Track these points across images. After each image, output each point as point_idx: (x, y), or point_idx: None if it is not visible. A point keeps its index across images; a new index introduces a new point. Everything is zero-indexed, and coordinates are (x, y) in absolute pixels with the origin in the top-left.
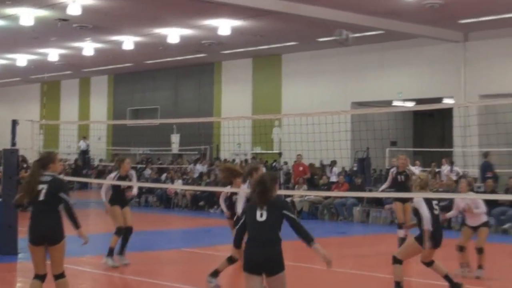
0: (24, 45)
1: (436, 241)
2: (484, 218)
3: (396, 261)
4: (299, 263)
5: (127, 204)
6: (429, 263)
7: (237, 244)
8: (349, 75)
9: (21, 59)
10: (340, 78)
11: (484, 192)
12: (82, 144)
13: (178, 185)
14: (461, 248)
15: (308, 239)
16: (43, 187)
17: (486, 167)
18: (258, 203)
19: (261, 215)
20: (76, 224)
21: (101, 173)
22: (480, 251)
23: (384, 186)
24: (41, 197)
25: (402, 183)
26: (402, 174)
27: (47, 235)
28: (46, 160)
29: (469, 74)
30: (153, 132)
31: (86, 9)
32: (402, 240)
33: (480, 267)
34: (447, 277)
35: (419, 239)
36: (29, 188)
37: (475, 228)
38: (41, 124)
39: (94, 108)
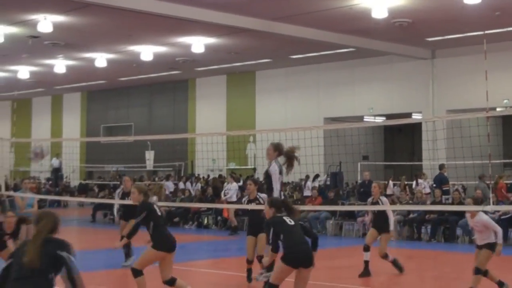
0: None
1: None
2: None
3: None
4: None
5: None
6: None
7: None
8: (321, 91)
9: None
10: (313, 95)
11: (452, 203)
12: (55, 162)
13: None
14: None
15: None
16: None
17: (441, 180)
18: None
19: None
20: None
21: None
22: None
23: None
24: None
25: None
26: (375, 204)
27: None
28: None
29: (437, 90)
30: (127, 149)
31: (57, 26)
32: (366, 263)
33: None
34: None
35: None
36: None
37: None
38: (12, 142)
39: (67, 125)
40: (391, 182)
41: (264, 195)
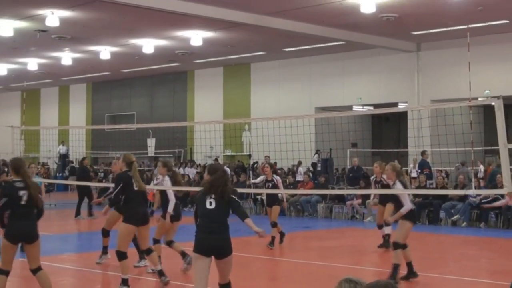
0: (4, 55)
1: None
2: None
3: (399, 246)
4: (267, 256)
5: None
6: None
7: None
8: (313, 82)
9: (1, 68)
10: (305, 85)
11: (436, 187)
12: (62, 149)
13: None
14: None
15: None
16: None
17: (423, 165)
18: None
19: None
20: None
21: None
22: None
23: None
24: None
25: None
26: (378, 183)
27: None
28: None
29: (422, 80)
30: (130, 137)
31: (64, 21)
32: (388, 236)
33: None
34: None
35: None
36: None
37: None
38: (22, 130)
39: (73, 114)
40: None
41: (278, 177)
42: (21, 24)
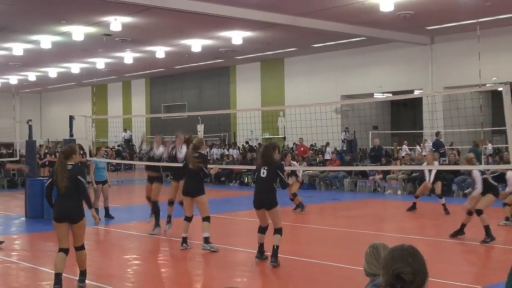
0: (77, 56)
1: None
2: None
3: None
4: (296, 223)
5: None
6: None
7: None
8: (339, 73)
9: (75, 67)
10: (332, 76)
11: (448, 163)
12: (125, 134)
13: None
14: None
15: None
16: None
17: (438, 144)
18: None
19: (263, 173)
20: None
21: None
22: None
23: None
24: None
25: None
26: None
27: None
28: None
29: (435, 70)
30: (182, 123)
31: (125, 26)
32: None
33: None
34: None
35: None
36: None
37: None
38: (93, 119)
39: (135, 105)
40: (405, 146)
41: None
42: (90, 29)
